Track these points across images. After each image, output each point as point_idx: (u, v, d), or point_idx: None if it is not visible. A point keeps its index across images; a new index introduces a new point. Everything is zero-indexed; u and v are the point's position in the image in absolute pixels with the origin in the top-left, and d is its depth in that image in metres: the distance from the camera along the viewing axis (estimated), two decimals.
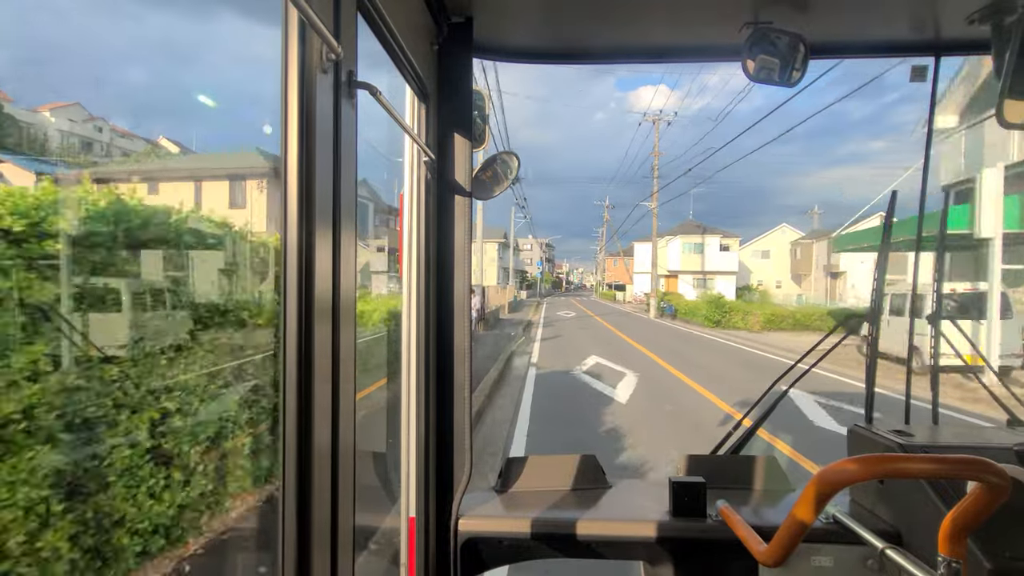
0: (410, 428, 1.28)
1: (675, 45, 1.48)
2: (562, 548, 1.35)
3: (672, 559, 1.30)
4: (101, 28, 12.61)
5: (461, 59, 1.32)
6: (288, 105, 0.68)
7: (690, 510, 1.29)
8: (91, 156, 12.12)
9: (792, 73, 1.28)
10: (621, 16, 1.31)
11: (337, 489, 0.76)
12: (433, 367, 1.33)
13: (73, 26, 13.73)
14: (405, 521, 1.29)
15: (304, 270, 0.69)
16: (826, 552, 1.21)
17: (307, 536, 0.69)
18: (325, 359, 0.72)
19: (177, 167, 5.49)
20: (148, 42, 7.64)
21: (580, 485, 1.48)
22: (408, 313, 1.30)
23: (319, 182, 0.70)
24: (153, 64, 14.86)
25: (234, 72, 16.44)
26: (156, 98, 13.62)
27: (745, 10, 1.24)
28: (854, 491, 1.37)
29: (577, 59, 1.53)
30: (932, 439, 1.24)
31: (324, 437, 0.72)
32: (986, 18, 1.21)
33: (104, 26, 13.76)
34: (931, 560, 0.76)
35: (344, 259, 0.76)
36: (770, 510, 1.36)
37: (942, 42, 1.39)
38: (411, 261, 1.29)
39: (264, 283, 3.58)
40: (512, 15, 1.35)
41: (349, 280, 0.78)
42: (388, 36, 0.96)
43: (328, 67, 0.71)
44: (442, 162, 1.32)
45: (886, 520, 1.24)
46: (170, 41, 14.65)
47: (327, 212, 0.72)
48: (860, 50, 1.47)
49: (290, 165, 0.68)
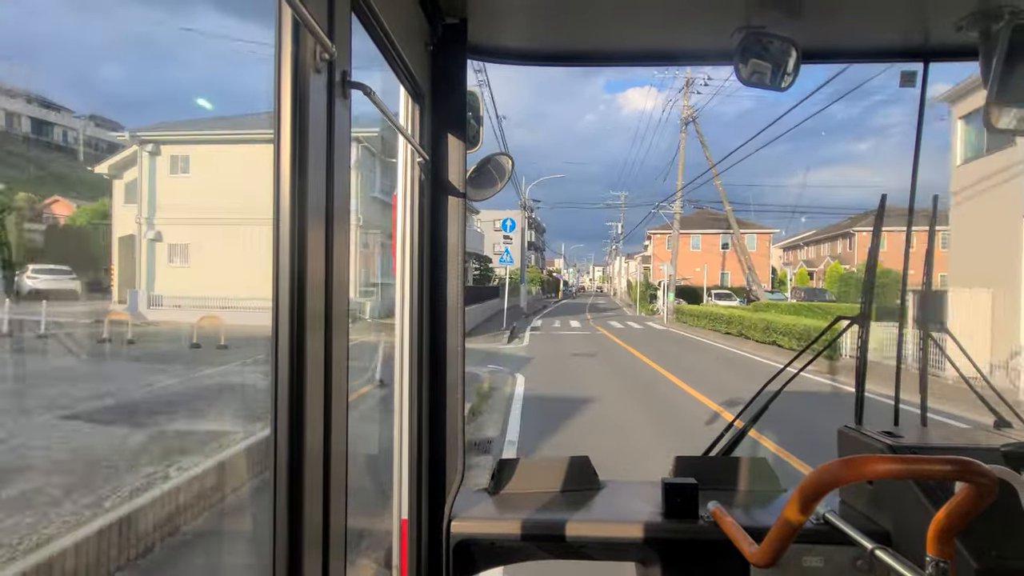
0: (402, 430, 1.28)
1: (668, 48, 1.49)
2: (555, 550, 1.35)
3: (664, 560, 1.30)
4: (87, 26, 12.54)
5: (455, 60, 1.32)
6: (281, 105, 0.67)
7: (682, 511, 1.30)
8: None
9: (784, 77, 1.29)
10: (614, 19, 1.32)
11: (329, 491, 0.75)
12: (426, 368, 1.33)
13: (63, 23, 13.63)
14: (397, 523, 1.28)
15: (296, 271, 0.68)
16: (817, 553, 1.22)
17: (299, 538, 0.69)
18: (317, 361, 0.72)
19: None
20: (142, 40, 7.58)
21: (572, 486, 1.48)
22: (401, 313, 1.29)
23: (312, 182, 0.70)
24: (144, 63, 14.90)
25: (227, 71, 16.37)
26: (147, 95, 13.58)
27: (738, 15, 1.25)
28: (844, 492, 1.38)
29: (570, 61, 1.53)
30: (921, 440, 1.26)
31: (316, 439, 0.72)
32: (974, 24, 1.23)
33: (94, 25, 13.70)
34: (920, 560, 0.76)
35: (337, 260, 0.76)
36: (761, 511, 1.36)
37: (931, 48, 1.41)
38: (404, 261, 1.29)
39: None
40: (506, 17, 1.36)
41: (342, 281, 0.78)
42: (382, 36, 0.96)
43: (322, 67, 0.71)
44: (436, 163, 1.32)
45: (876, 521, 1.25)
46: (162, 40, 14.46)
47: (320, 213, 0.72)
48: (850, 56, 1.49)
49: (283, 165, 0.68)
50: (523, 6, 1.30)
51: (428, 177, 1.31)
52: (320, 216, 0.72)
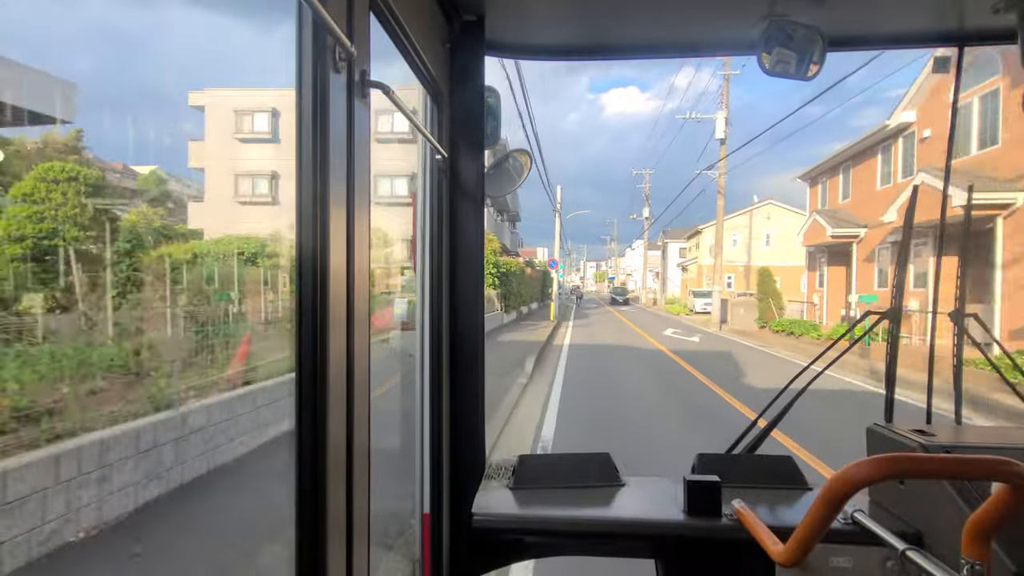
0: (424, 425, 1.29)
1: (689, 40, 1.46)
2: (575, 545, 1.34)
3: (686, 558, 1.29)
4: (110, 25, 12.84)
5: (473, 57, 1.32)
6: (302, 104, 0.68)
7: (705, 509, 1.28)
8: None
9: (809, 66, 1.26)
10: (634, 11, 1.30)
11: (352, 483, 0.76)
12: (446, 363, 1.33)
13: (83, 17, 14.03)
14: (419, 517, 1.30)
15: (319, 268, 0.69)
16: (845, 553, 1.19)
17: (323, 529, 0.70)
18: (340, 357, 0.73)
19: None
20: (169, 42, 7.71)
21: (593, 482, 1.47)
22: (422, 310, 1.31)
23: (333, 181, 0.70)
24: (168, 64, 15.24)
25: (248, 71, 16.69)
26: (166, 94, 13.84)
27: (761, 3, 1.22)
28: (874, 491, 1.35)
29: (589, 55, 1.52)
30: (954, 439, 1.22)
31: (339, 432, 0.73)
32: (1013, 6, 1.18)
33: (99, 23, 14.01)
34: (954, 563, 0.74)
35: (359, 257, 0.77)
36: (787, 510, 1.34)
37: (966, 32, 1.35)
38: (424, 259, 1.30)
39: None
40: (524, 12, 1.35)
41: (363, 278, 0.79)
42: (400, 35, 0.96)
43: (341, 66, 0.71)
44: (454, 160, 1.33)
45: (907, 521, 1.21)
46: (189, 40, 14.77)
47: (341, 210, 0.73)
48: (879, 42, 1.44)
49: (304, 163, 0.69)
50: (541, 1, 1.30)
51: (447, 174, 1.31)
52: (342, 214, 0.73)
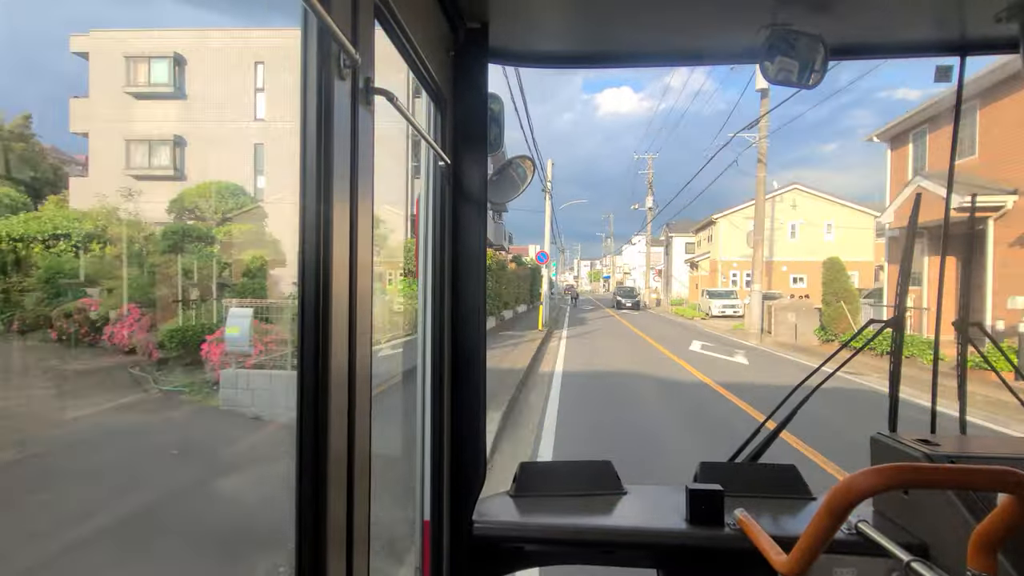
0: (425, 432, 1.29)
1: (691, 48, 1.47)
2: (576, 554, 1.33)
3: (688, 567, 1.28)
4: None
5: (477, 64, 1.33)
6: (307, 110, 0.69)
7: (707, 518, 1.27)
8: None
9: (811, 75, 1.26)
10: (638, 20, 1.31)
11: (353, 491, 0.76)
12: (448, 370, 1.33)
13: (91, 18, 14.12)
14: (420, 524, 1.29)
15: (322, 275, 0.69)
16: (849, 564, 1.18)
17: (323, 536, 0.70)
18: (341, 363, 0.73)
19: None
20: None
21: (595, 491, 1.47)
22: (424, 317, 1.31)
23: (337, 188, 0.71)
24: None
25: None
26: None
27: (763, 12, 1.22)
28: (878, 501, 1.34)
29: (592, 63, 1.52)
30: (959, 449, 1.21)
31: (340, 439, 0.73)
32: (1015, 15, 1.18)
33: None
34: (960, 574, 0.74)
35: (361, 264, 0.77)
36: (790, 520, 1.33)
37: (968, 41, 1.36)
38: (427, 266, 1.30)
39: None
40: (528, 20, 1.35)
41: (366, 285, 0.79)
42: (404, 42, 0.97)
43: (346, 73, 0.72)
44: (457, 167, 1.33)
45: (912, 532, 1.20)
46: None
47: (344, 218, 0.73)
48: (881, 51, 1.45)
49: (308, 170, 0.69)
50: (545, 8, 1.30)
51: (450, 181, 1.32)
52: (345, 221, 0.73)
